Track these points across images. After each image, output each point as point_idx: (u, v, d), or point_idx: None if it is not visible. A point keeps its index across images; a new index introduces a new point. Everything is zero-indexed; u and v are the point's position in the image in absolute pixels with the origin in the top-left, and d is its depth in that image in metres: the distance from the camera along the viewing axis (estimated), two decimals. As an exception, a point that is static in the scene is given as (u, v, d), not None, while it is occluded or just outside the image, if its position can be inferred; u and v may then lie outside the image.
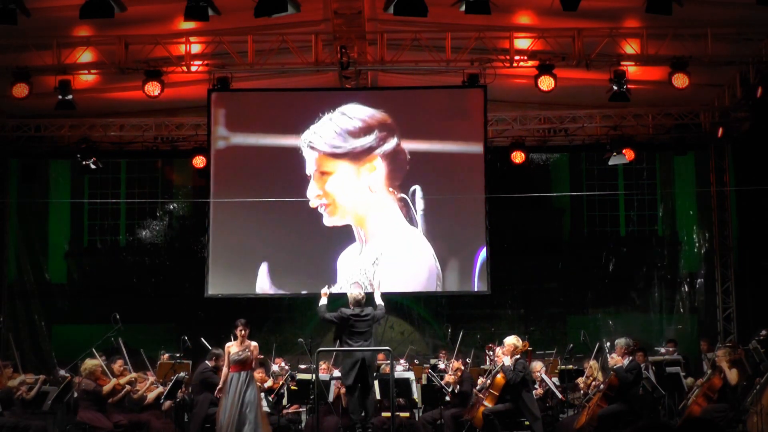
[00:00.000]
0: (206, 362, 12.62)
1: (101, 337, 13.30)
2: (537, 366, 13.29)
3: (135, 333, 14.82)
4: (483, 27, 13.45)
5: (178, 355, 14.23)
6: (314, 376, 12.22)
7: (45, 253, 18.07)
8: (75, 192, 18.24)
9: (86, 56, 13.92)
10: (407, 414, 13.36)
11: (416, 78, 15.07)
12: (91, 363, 12.33)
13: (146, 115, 16.35)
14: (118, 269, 17.96)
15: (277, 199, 14.49)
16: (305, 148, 14.85)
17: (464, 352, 14.39)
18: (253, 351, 11.56)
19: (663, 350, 14.80)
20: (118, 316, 13.34)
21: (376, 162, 14.80)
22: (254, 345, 11.61)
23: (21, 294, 17.53)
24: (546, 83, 13.80)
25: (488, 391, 12.04)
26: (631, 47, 13.82)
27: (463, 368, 13.23)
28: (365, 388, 11.90)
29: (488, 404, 11.93)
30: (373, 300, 12.34)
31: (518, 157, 16.42)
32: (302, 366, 14.11)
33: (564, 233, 18.40)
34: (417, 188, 14.80)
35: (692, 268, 17.93)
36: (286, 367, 13.93)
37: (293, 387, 12.94)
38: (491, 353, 13.03)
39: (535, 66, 13.88)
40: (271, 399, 13.02)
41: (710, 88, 15.72)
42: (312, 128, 14.84)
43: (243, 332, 11.55)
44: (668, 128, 16.62)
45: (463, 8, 11.91)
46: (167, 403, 12.96)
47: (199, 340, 13.91)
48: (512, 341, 12.11)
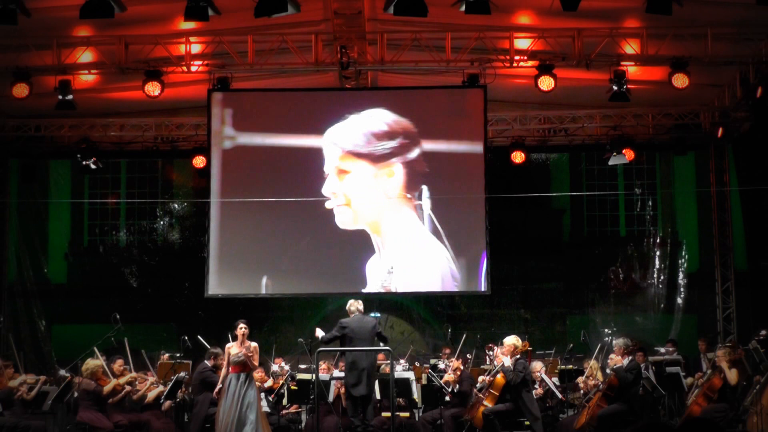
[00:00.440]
0: (205, 362, 12.62)
1: (101, 337, 13.29)
2: (537, 366, 13.29)
3: (135, 333, 14.81)
4: (483, 27, 13.45)
5: (178, 355, 14.24)
6: (314, 376, 12.22)
7: (45, 253, 18.07)
8: (75, 192, 18.24)
9: (86, 56, 13.92)
10: (407, 414, 13.37)
11: (416, 78, 15.07)
12: (93, 363, 12.34)
13: (146, 115, 16.34)
14: (118, 269, 17.96)
15: (277, 199, 14.48)
16: (328, 146, 14.81)
17: (465, 352, 14.37)
18: (254, 352, 11.57)
19: (663, 350, 14.80)
20: (118, 316, 13.34)
21: (395, 168, 14.77)
22: (254, 346, 11.62)
23: (21, 294, 17.52)
24: (546, 83, 13.79)
25: (488, 391, 12.04)
26: (631, 47, 13.82)
27: (463, 368, 13.24)
28: (368, 397, 11.91)
29: (488, 404, 11.94)
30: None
31: (518, 157, 16.42)
32: (302, 366, 14.12)
33: (564, 233, 18.39)
34: (424, 188, 14.80)
35: (692, 268, 17.94)
36: (286, 367, 13.93)
37: (293, 387, 12.94)
38: (491, 353, 13.03)
39: (535, 66, 13.88)
40: (271, 399, 13.02)
41: (710, 88, 15.71)
42: (338, 125, 14.84)
43: (243, 332, 11.57)
44: (668, 128, 16.61)
45: (463, 8, 11.91)
46: (167, 403, 12.97)
47: (196, 338, 13.92)
48: (512, 341, 12.12)
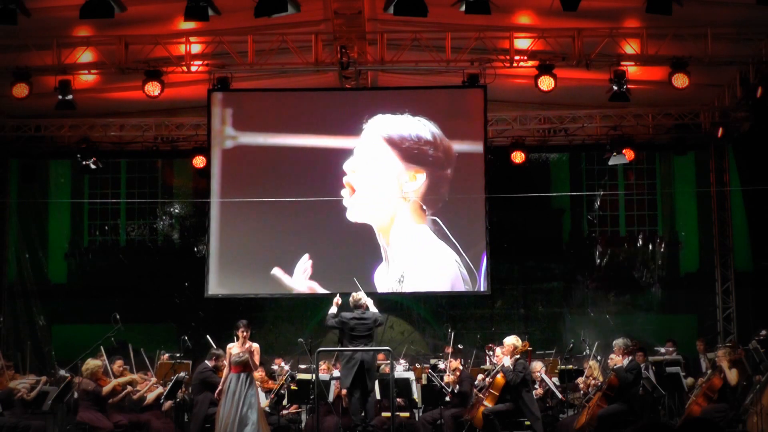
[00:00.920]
0: (206, 362, 12.63)
1: (101, 337, 13.29)
2: (537, 366, 13.29)
3: (135, 333, 14.82)
4: (483, 27, 13.45)
5: (178, 355, 14.23)
6: (314, 376, 12.22)
7: (45, 253, 18.07)
8: (75, 192, 18.25)
9: (86, 56, 13.92)
10: (407, 414, 13.37)
11: (416, 78, 15.07)
12: (93, 363, 12.35)
13: (146, 115, 16.34)
14: (118, 269, 17.95)
15: (276, 199, 14.48)
16: (369, 127, 14.78)
17: (466, 352, 14.37)
18: (254, 353, 11.58)
19: (663, 350, 14.80)
20: (118, 316, 13.34)
21: (420, 176, 14.76)
22: (255, 347, 11.64)
23: (21, 294, 17.52)
24: (546, 83, 13.79)
25: (488, 391, 12.04)
26: (631, 47, 13.82)
27: (462, 368, 13.24)
28: (365, 391, 11.90)
29: (488, 404, 11.94)
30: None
31: (518, 157, 16.42)
32: (302, 366, 14.12)
33: (564, 233, 18.39)
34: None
35: (692, 268, 17.94)
36: (286, 368, 13.93)
37: (293, 387, 12.94)
38: (491, 353, 13.02)
39: (535, 66, 13.88)
40: (271, 399, 13.02)
41: (710, 88, 15.71)
42: (389, 116, 14.81)
43: (244, 334, 11.59)
44: (668, 128, 16.61)
45: (463, 8, 11.91)
46: (167, 404, 12.97)
47: (206, 338, 13.88)
48: (512, 341, 12.12)
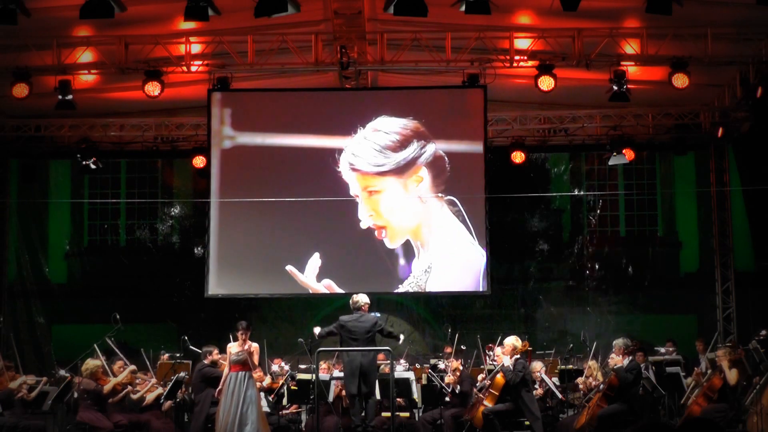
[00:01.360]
0: (203, 361, 12.64)
1: (101, 337, 13.29)
2: (537, 366, 13.29)
3: (135, 333, 14.83)
4: (483, 27, 13.45)
5: (178, 355, 14.23)
6: (314, 376, 12.22)
7: (45, 253, 18.06)
8: (75, 192, 18.24)
9: (86, 56, 13.92)
10: (407, 414, 13.37)
11: (416, 78, 15.07)
12: (93, 363, 12.35)
13: (146, 115, 16.34)
14: (118, 269, 17.94)
15: (277, 199, 14.48)
16: (346, 171, 14.76)
17: (467, 352, 14.36)
18: (254, 353, 11.60)
19: (663, 350, 14.80)
20: (118, 316, 13.34)
21: (421, 172, 14.75)
22: (255, 346, 11.66)
23: (21, 294, 17.52)
24: (546, 83, 13.79)
25: (488, 391, 12.05)
26: (631, 47, 13.82)
27: (462, 368, 13.23)
28: (366, 395, 11.91)
29: (488, 404, 11.94)
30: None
31: (518, 157, 16.42)
32: (302, 366, 14.12)
33: (564, 233, 18.39)
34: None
35: (692, 268, 17.93)
36: (286, 368, 13.93)
37: (293, 387, 12.94)
38: (491, 353, 13.02)
39: (535, 66, 13.88)
40: (271, 399, 13.02)
41: (710, 88, 15.71)
42: (349, 149, 14.74)
43: (244, 336, 11.60)
44: (668, 128, 16.60)
45: (463, 8, 11.91)
46: (167, 404, 12.97)
47: (204, 338, 13.89)
48: (512, 341, 12.12)
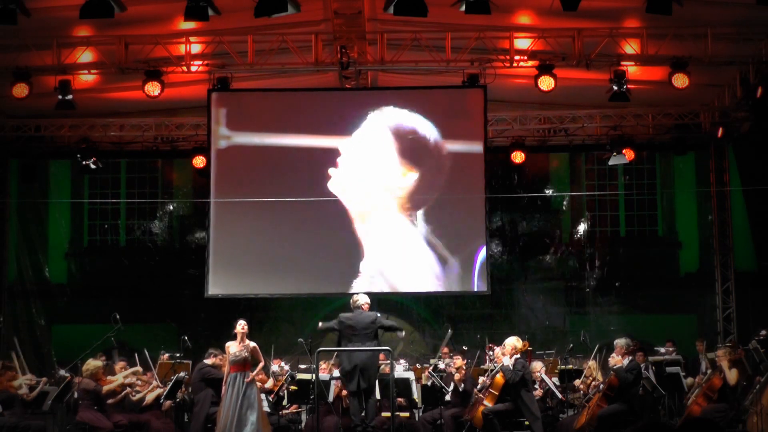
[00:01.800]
0: (205, 361, 12.64)
1: (101, 337, 13.30)
2: (537, 366, 13.30)
3: (135, 333, 14.82)
4: (483, 27, 13.45)
5: (178, 355, 14.23)
6: (314, 376, 12.22)
7: (45, 253, 18.05)
8: (75, 192, 18.23)
9: (86, 56, 13.92)
10: (407, 414, 13.37)
11: (416, 78, 15.07)
12: (94, 364, 12.37)
13: (146, 115, 16.34)
14: (118, 269, 17.94)
15: (277, 199, 14.48)
16: (375, 115, 14.78)
17: (468, 353, 14.36)
18: (252, 351, 11.60)
19: (663, 350, 14.80)
20: (118, 316, 13.34)
21: (411, 173, 14.73)
22: (253, 345, 11.67)
23: (21, 294, 17.51)
24: (546, 83, 13.80)
25: (488, 391, 12.05)
26: (631, 47, 13.82)
27: (464, 367, 13.23)
28: (366, 391, 11.92)
29: (488, 404, 11.94)
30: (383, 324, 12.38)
31: (518, 157, 16.42)
32: (302, 366, 14.12)
33: (564, 233, 18.38)
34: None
35: (692, 268, 17.93)
36: (286, 368, 13.93)
37: (293, 387, 12.94)
38: (491, 353, 13.03)
39: (535, 66, 13.88)
40: (271, 399, 13.03)
41: (710, 88, 15.71)
42: (398, 110, 14.83)
43: (243, 331, 11.61)
44: (668, 128, 16.60)
45: (463, 8, 11.91)
46: (167, 403, 12.98)
47: (203, 339, 13.89)
48: (512, 342, 12.13)
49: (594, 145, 16.98)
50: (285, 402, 13.19)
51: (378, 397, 12.59)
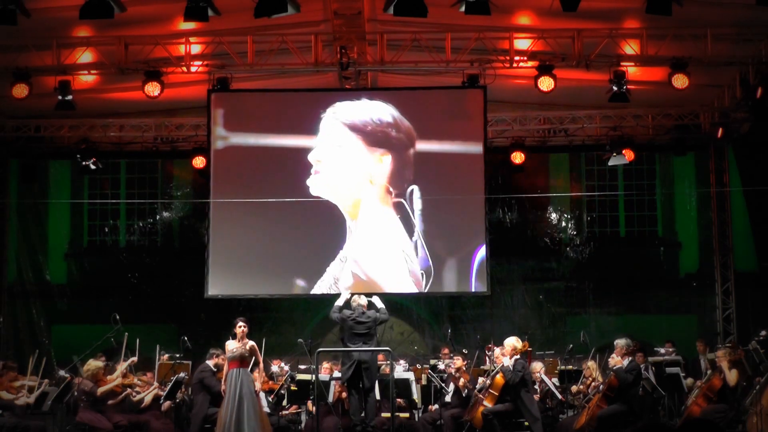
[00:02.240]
0: (207, 362, 12.63)
1: (101, 337, 13.29)
2: (537, 366, 13.29)
3: (135, 333, 14.79)
4: (483, 27, 13.45)
5: (178, 356, 14.22)
6: (314, 377, 12.23)
7: (45, 253, 18.04)
8: (75, 192, 18.22)
9: (86, 57, 13.92)
10: (407, 414, 13.36)
11: (416, 78, 15.07)
12: (94, 364, 12.37)
13: (146, 116, 16.34)
14: (118, 269, 17.92)
15: (277, 200, 14.49)
16: (328, 115, 14.81)
17: (470, 353, 14.36)
18: (251, 350, 11.62)
19: (663, 350, 14.80)
20: (118, 317, 13.33)
21: (386, 158, 14.78)
22: (252, 344, 11.69)
23: (21, 294, 17.51)
24: (546, 84, 13.80)
25: (488, 391, 12.05)
26: (631, 48, 13.82)
27: (464, 368, 13.22)
28: (365, 390, 11.92)
29: (488, 404, 11.94)
30: (374, 305, 12.47)
31: (518, 158, 16.42)
32: (302, 366, 14.12)
33: (564, 233, 18.37)
34: (415, 188, 14.82)
35: (692, 269, 17.93)
36: (286, 368, 13.93)
37: (293, 388, 12.95)
38: (491, 353, 13.03)
39: (535, 66, 13.89)
40: (271, 399, 13.02)
41: (710, 89, 15.71)
42: (347, 102, 14.86)
43: (242, 330, 11.63)
44: (668, 129, 16.61)
45: (463, 9, 11.91)
46: (167, 404, 12.97)
47: (203, 339, 13.88)
48: (512, 342, 12.13)
49: (594, 146, 16.98)
50: (285, 402, 13.19)
51: (378, 398, 12.60)
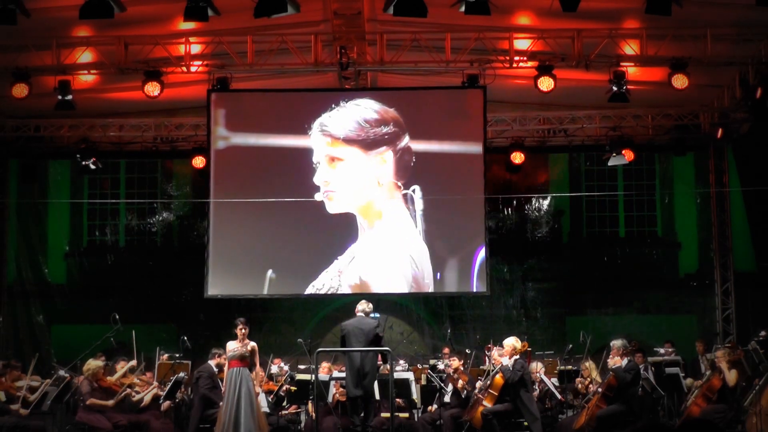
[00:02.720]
0: (209, 362, 12.61)
1: (101, 337, 13.30)
2: (536, 367, 13.29)
3: (135, 333, 14.78)
4: (483, 27, 13.45)
5: (178, 356, 14.22)
6: (313, 377, 12.23)
7: (45, 253, 18.05)
8: (75, 192, 18.23)
9: (86, 56, 13.93)
10: (406, 414, 13.36)
11: (416, 78, 15.08)
12: (94, 364, 12.37)
13: (146, 116, 16.34)
14: (118, 269, 17.93)
15: (277, 200, 14.49)
16: (316, 134, 14.82)
17: (469, 353, 14.36)
18: (251, 351, 11.63)
19: (662, 351, 14.80)
20: (118, 317, 13.34)
21: (387, 155, 14.81)
22: (252, 345, 11.69)
23: (21, 294, 17.52)
24: (546, 84, 13.81)
25: (487, 391, 12.05)
26: (631, 48, 13.83)
27: (462, 368, 13.22)
28: (364, 396, 11.92)
29: (487, 404, 11.94)
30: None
31: (518, 158, 16.43)
32: (301, 366, 14.12)
33: (563, 233, 18.38)
34: (416, 188, 14.83)
35: (691, 269, 17.93)
36: (285, 368, 13.93)
37: (293, 388, 12.94)
38: (490, 354, 13.02)
39: (535, 66, 13.89)
40: (271, 399, 13.02)
41: (710, 89, 15.71)
42: (327, 114, 14.85)
43: (243, 331, 11.65)
44: (668, 129, 16.61)
45: (463, 9, 11.92)
46: (166, 404, 12.97)
47: (203, 339, 13.87)
48: (512, 342, 12.13)
49: (593, 146, 16.99)
50: (285, 402, 13.18)
51: (377, 398, 12.59)
